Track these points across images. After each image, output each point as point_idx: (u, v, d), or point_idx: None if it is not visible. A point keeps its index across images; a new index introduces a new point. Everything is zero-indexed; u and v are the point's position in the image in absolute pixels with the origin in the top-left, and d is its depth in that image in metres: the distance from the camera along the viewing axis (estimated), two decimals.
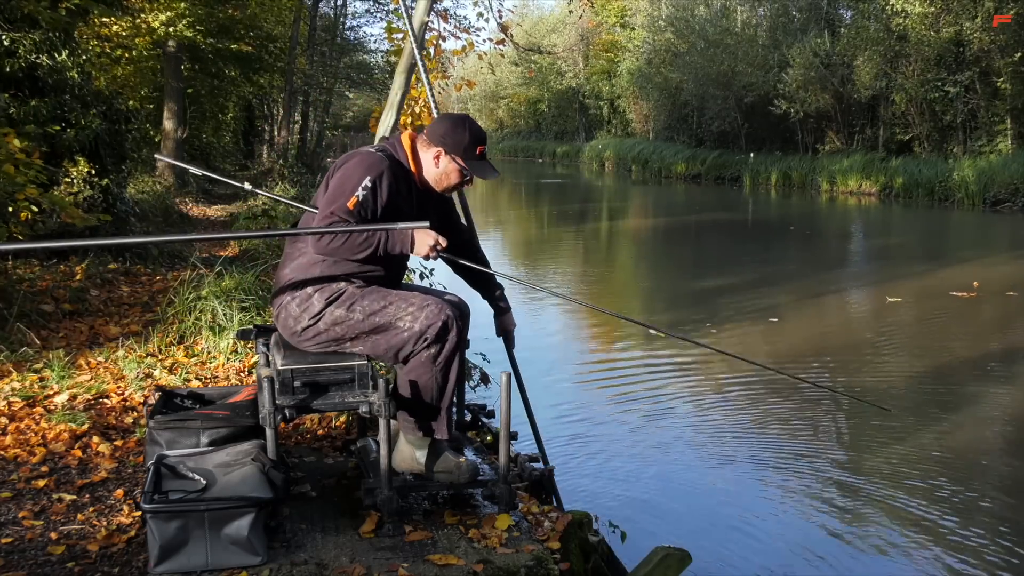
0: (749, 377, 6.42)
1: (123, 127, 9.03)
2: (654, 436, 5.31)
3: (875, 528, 4.03)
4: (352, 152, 2.77)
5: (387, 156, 2.74)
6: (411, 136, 2.83)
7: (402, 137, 2.83)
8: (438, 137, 2.76)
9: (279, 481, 2.50)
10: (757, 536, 3.97)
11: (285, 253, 2.84)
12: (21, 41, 7.16)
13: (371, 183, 2.63)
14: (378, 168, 2.67)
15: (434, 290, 3.11)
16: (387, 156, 2.74)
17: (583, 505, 3.57)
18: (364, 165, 2.67)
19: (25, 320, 4.92)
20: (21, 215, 5.67)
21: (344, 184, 2.64)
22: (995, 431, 5.48)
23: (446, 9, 10.84)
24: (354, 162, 2.69)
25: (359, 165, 2.67)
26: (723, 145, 29.74)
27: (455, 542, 2.55)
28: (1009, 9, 18.55)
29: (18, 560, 2.43)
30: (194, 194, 15.66)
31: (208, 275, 5.50)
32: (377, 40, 36.30)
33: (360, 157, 2.71)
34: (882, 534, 3.97)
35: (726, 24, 29.39)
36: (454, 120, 2.81)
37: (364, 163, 2.68)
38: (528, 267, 12.75)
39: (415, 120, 7.82)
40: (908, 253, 13.57)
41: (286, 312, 2.75)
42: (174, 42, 13.92)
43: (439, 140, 2.76)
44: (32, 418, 3.55)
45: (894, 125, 23.33)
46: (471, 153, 2.76)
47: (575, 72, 44.73)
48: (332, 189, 2.66)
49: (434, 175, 2.80)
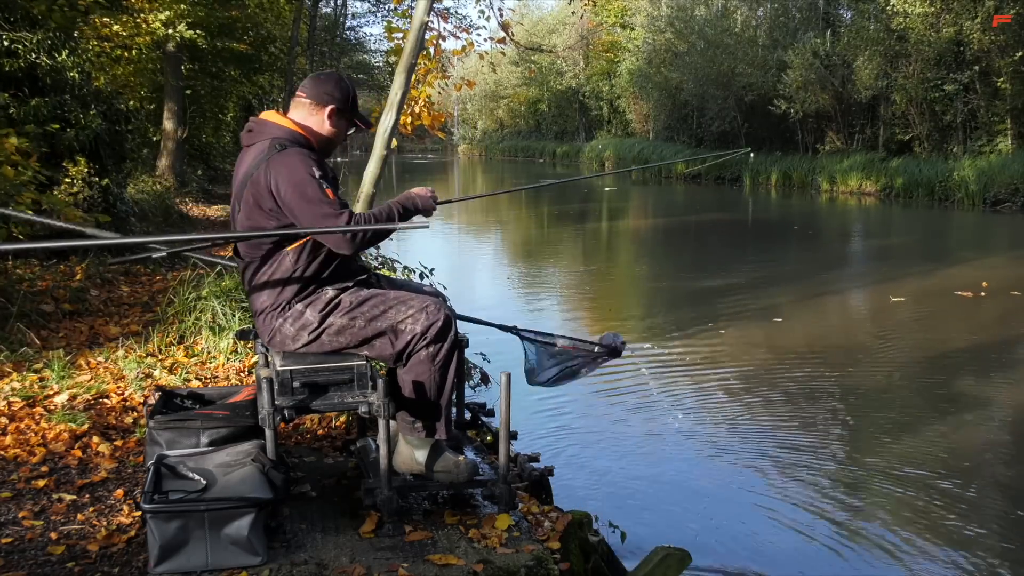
0: (749, 377, 6.42)
1: (123, 127, 9.04)
2: (654, 436, 5.31)
3: (875, 527, 4.03)
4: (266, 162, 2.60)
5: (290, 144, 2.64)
6: (278, 113, 2.77)
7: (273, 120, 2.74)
8: (327, 96, 2.75)
9: (279, 481, 2.50)
10: (757, 536, 3.97)
11: (248, 282, 2.74)
12: (21, 41, 7.16)
13: (318, 171, 2.59)
14: (308, 159, 2.60)
15: (418, 285, 3.12)
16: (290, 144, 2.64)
17: (583, 505, 3.57)
18: (300, 163, 2.58)
19: (25, 320, 4.92)
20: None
21: (305, 189, 2.55)
22: (1001, 430, 5.48)
23: (447, 9, 10.86)
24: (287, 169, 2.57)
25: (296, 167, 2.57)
26: (723, 145, 29.72)
27: (455, 542, 2.55)
28: (1009, 9, 18.55)
29: (18, 560, 2.43)
30: (194, 194, 15.65)
31: (208, 275, 5.50)
32: (377, 40, 36.36)
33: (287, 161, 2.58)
34: (882, 533, 3.97)
35: (726, 24, 29.39)
36: (334, 78, 2.82)
37: (298, 162, 2.58)
38: (528, 267, 12.76)
39: (415, 120, 7.82)
40: (910, 253, 13.57)
41: (281, 335, 2.70)
42: (174, 43, 13.91)
43: (329, 99, 2.75)
44: (32, 418, 3.55)
45: (894, 125, 23.32)
46: (356, 106, 2.82)
47: (575, 72, 44.73)
48: (298, 200, 2.54)
49: (326, 132, 2.78)
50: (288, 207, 2.58)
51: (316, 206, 2.55)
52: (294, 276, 2.67)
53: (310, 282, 2.69)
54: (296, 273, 2.67)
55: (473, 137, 61.86)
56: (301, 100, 2.77)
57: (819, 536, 3.96)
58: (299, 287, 2.68)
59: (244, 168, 2.70)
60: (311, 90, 2.77)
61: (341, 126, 2.81)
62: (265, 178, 2.59)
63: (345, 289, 2.73)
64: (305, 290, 2.69)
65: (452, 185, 34.65)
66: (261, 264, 2.69)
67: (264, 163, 2.61)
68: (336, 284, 2.72)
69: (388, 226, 2.69)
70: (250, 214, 2.65)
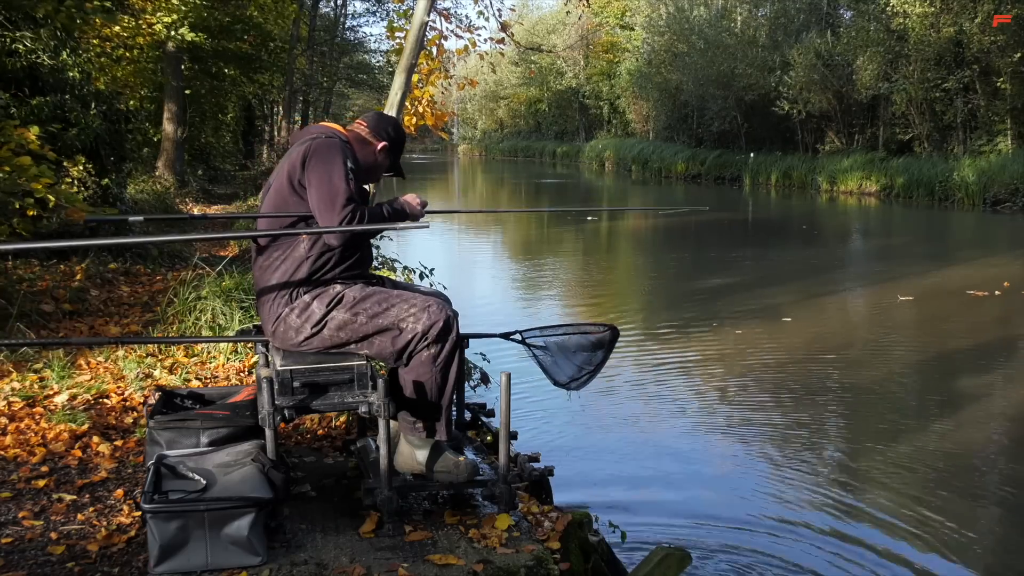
0: (750, 376, 6.42)
1: (123, 127, 9.04)
2: (655, 436, 5.31)
3: (877, 528, 4.03)
4: (308, 141, 2.75)
5: (338, 138, 2.79)
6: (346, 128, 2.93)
7: (329, 124, 2.91)
8: (385, 134, 2.94)
9: (279, 481, 2.50)
10: (757, 536, 3.96)
11: (259, 265, 2.78)
12: (22, 40, 7.16)
13: (352, 164, 2.72)
14: (344, 150, 2.74)
15: (423, 287, 3.13)
16: (338, 138, 2.79)
17: (583, 505, 3.57)
18: (336, 151, 2.71)
19: (25, 320, 4.92)
20: (28, 211, 5.64)
21: (331, 175, 2.66)
22: (1008, 429, 5.47)
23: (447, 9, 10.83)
24: (326, 148, 2.71)
25: (331, 152, 2.70)
26: (723, 145, 29.75)
27: (455, 542, 2.55)
28: (1009, 9, 18.55)
29: (18, 560, 2.43)
30: (194, 194, 15.66)
31: (208, 275, 5.50)
32: (377, 40, 36.38)
33: (329, 144, 2.72)
34: (883, 533, 3.97)
35: (726, 25, 29.40)
36: (396, 123, 3.01)
37: (334, 149, 2.71)
38: (529, 267, 12.75)
39: (418, 120, 7.82)
40: (914, 252, 13.56)
41: (285, 325, 2.72)
42: (174, 43, 13.91)
43: (386, 136, 2.93)
44: (32, 418, 3.55)
45: (894, 125, 23.33)
46: (401, 152, 3.01)
47: (575, 72, 44.76)
48: (321, 183, 2.65)
49: (370, 163, 2.93)
50: (309, 179, 2.68)
51: (330, 188, 2.64)
52: (306, 264, 2.70)
53: (320, 273, 2.72)
54: (308, 261, 2.70)
55: (473, 137, 61.88)
56: (361, 126, 2.94)
57: (820, 536, 3.96)
58: (309, 276, 2.71)
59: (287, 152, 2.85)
60: (374, 122, 2.96)
61: (382, 164, 2.96)
62: (304, 153, 2.71)
63: (350, 285, 2.75)
64: (314, 281, 2.71)
65: (452, 185, 34.65)
66: (278, 248, 2.73)
67: (308, 143, 2.74)
68: (343, 279, 2.75)
69: (384, 226, 2.84)
70: (280, 188, 2.76)
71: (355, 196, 2.66)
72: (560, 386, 3.20)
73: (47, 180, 5.42)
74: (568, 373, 3.18)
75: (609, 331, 3.19)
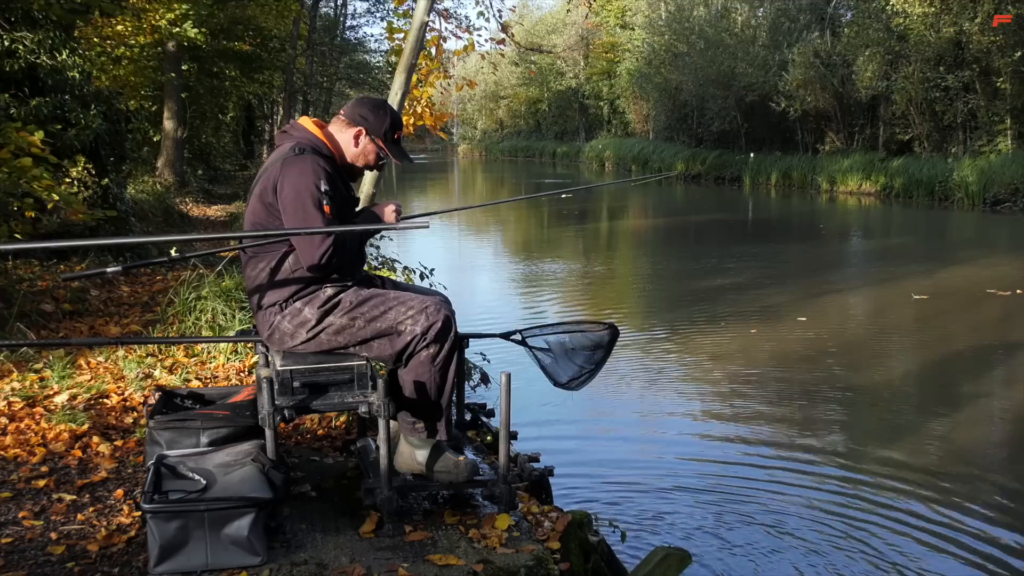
0: (750, 376, 6.42)
1: (123, 127, 9.05)
2: (655, 436, 5.31)
3: (876, 527, 4.03)
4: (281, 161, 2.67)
5: (312, 152, 2.69)
6: (316, 122, 2.83)
7: (306, 125, 2.80)
8: (359, 118, 2.82)
9: (279, 481, 2.50)
10: (758, 536, 3.96)
11: (247, 275, 2.76)
12: (21, 40, 7.16)
13: (327, 186, 2.63)
14: (320, 170, 2.65)
15: (419, 287, 3.13)
16: (312, 152, 2.69)
17: (583, 505, 3.57)
18: (310, 171, 2.62)
19: (25, 320, 4.92)
20: (27, 212, 5.65)
21: (304, 196, 2.59)
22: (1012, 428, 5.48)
23: (447, 9, 10.86)
24: (296, 173, 2.62)
25: (305, 174, 2.62)
26: (723, 145, 29.74)
27: (455, 542, 2.55)
28: (1009, 9, 18.54)
29: (18, 560, 2.43)
30: (194, 194, 15.65)
31: (208, 275, 5.50)
32: (377, 40, 36.37)
33: (299, 166, 2.63)
34: (883, 533, 3.97)
35: (726, 24, 29.39)
36: (375, 103, 2.89)
37: (309, 169, 2.63)
38: (529, 266, 12.75)
39: (418, 120, 7.81)
40: (919, 252, 13.54)
41: (279, 331, 2.71)
42: (174, 43, 13.90)
43: (360, 120, 2.81)
44: (32, 418, 3.55)
45: (894, 125, 23.32)
46: (390, 136, 2.84)
47: (575, 72, 44.75)
48: (292, 204, 2.59)
49: (353, 153, 2.84)
50: (283, 207, 2.63)
51: (304, 221, 2.58)
52: (295, 274, 2.69)
53: (310, 281, 2.69)
54: (296, 271, 2.69)
55: (473, 137, 61.86)
56: (338, 116, 2.86)
57: (819, 536, 3.96)
58: (299, 285, 2.69)
59: (264, 165, 2.79)
60: (348, 109, 2.86)
61: (368, 151, 2.84)
62: (276, 175, 2.65)
63: (345, 288, 2.73)
64: (305, 288, 2.70)
65: (452, 185, 34.65)
66: (263, 260, 2.71)
67: (280, 161, 2.68)
68: (336, 283, 2.72)
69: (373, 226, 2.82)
70: (255, 208, 2.71)
71: (333, 220, 2.61)
72: (560, 386, 3.19)
73: (47, 182, 5.42)
74: (568, 373, 3.17)
75: (609, 330, 3.18)
